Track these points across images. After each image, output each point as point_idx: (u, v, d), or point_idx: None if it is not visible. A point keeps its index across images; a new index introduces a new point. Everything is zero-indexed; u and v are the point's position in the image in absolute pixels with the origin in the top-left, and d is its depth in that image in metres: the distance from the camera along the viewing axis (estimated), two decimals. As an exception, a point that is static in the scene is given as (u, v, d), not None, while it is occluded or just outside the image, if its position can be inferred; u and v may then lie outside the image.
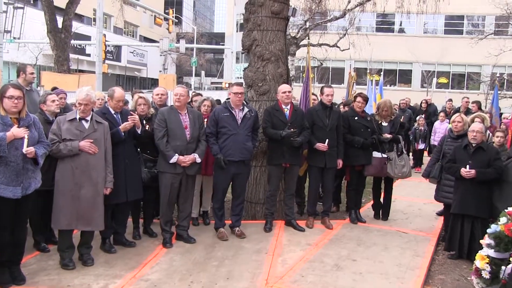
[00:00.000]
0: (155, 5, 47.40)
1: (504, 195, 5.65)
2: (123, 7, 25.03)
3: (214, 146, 6.20)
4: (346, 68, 32.77)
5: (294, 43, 18.88)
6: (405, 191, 9.75)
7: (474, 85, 35.73)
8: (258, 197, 7.24)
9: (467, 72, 38.52)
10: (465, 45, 25.97)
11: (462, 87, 38.24)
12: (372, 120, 7.40)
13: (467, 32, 37.20)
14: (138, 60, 51.12)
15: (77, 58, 36.51)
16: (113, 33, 45.87)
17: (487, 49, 23.68)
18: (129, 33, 53.20)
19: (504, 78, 30.15)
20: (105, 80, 23.70)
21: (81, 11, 31.74)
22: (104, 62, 24.49)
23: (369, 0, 19.92)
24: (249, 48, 7.33)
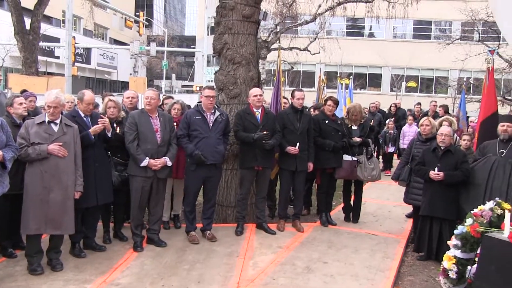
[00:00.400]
0: (125, 7, 46.92)
1: (471, 197, 5.79)
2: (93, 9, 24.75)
3: (188, 145, 6.16)
4: (316, 72, 33.01)
5: (265, 46, 18.96)
6: (375, 193, 9.89)
7: (442, 89, 36.52)
8: (229, 200, 7.23)
9: (435, 76, 39.31)
10: (433, 49, 26.53)
11: (430, 91, 39.00)
12: (342, 124, 7.47)
13: (435, 37, 38.01)
14: (108, 62, 50.53)
15: (46, 60, 35.85)
16: (82, 35, 45.24)
17: (454, 54, 24.22)
18: (99, 35, 52.55)
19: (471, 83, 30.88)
20: (74, 82, 23.35)
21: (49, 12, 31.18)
22: (74, 65, 24.12)
23: (340, 5, 20.17)
24: (220, 51, 7.33)
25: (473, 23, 24.04)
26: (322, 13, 20.39)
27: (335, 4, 19.96)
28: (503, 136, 5.97)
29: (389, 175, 10.08)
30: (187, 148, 6.16)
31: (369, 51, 36.12)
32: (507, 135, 5.96)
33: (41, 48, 28.95)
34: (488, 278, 3.83)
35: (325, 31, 24.86)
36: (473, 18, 23.20)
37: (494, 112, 7.26)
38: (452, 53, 24.32)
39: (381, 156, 13.31)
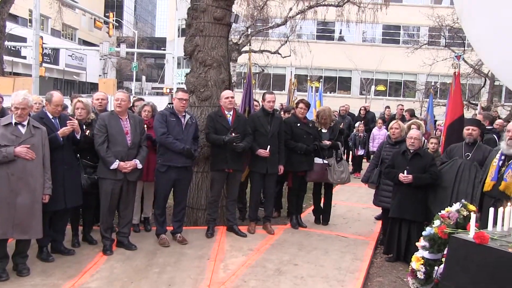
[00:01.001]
0: (95, 8, 46.26)
1: (438, 199, 5.92)
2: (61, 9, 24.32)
3: (176, 141, 6.09)
4: (287, 75, 33.23)
5: (236, 49, 18.98)
6: (345, 196, 9.99)
7: (410, 93, 37.15)
8: (200, 203, 7.20)
9: (403, 80, 39.99)
10: (402, 54, 26.97)
11: (399, 94, 39.65)
12: (314, 126, 7.52)
13: (403, 41, 38.66)
14: (77, 63, 49.65)
15: (12, 60, 35.00)
16: (50, 35, 44.33)
17: (421, 59, 24.69)
18: (68, 36, 51.61)
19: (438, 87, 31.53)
20: (42, 83, 22.89)
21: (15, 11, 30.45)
22: (41, 65, 23.64)
23: (310, 8, 20.32)
24: (191, 53, 7.30)
25: (440, 29, 24.55)
26: (293, 17, 20.53)
27: (305, 8, 20.12)
28: (468, 139, 6.13)
29: (359, 178, 10.20)
30: (176, 145, 6.08)
31: (339, 55, 36.50)
32: (472, 138, 6.12)
33: (7, 47, 28.26)
34: (454, 277, 3.91)
35: (295, 34, 25.02)
36: (440, 24, 23.71)
37: (460, 115, 7.45)
38: (419, 57, 24.78)
39: (350, 159, 13.45)
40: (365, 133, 13.13)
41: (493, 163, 5.32)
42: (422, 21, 27.67)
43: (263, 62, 24.37)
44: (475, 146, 6.11)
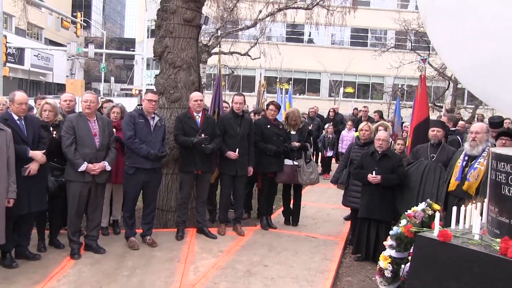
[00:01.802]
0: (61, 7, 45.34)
1: (405, 199, 6.05)
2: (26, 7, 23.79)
3: (141, 145, 6.05)
4: (256, 77, 33.31)
5: (205, 50, 18.90)
6: (314, 197, 10.07)
7: (377, 95, 37.74)
8: (170, 205, 7.17)
9: (371, 83, 40.60)
10: (369, 57, 27.33)
11: (367, 96, 40.25)
12: (284, 128, 7.58)
13: (371, 44, 39.27)
14: (43, 64, 48.55)
15: (-26, 60, 34.06)
16: (15, 34, 43.20)
17: (388, 62, 25.09)
18: (33, 35, 50.45)
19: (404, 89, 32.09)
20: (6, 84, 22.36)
21: (-23, 9, 29.67)
22: (5, 65, 23.08)
23: (280, 11, 20.43)
24: (161, 55, 7.26)
25: (406, 33, 25.02)
26: (263, 19, 20.60)
27: (275, 10, 20.21)
28: (433, 140, 6.29)
29: (328, 179, 10.29)
30: (141, 149, 6.04)
31: (308, 57, 36.80)
32: (437, 140, 6.28)
33: (-31, 47, 27.47)
34: (420, 275, 4.01)
35: (265, 36, 25.11)
36: (406, 28, 24.16)
37: (426, 117, 7.61)
38: (387, 60, 25.19)
39: (320, 160, 13.57)
40: (334, 135, 13.27)
41: (457, 164, 5.48)
42: (389, 25, 28.19)
43: (233, 64, 24.38)
44: (440, 147, 6.26)
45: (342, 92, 36.49)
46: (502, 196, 3.62)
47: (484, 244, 3.65)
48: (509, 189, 3.53)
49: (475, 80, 4.48)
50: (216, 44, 19.85)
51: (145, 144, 6.08)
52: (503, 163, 3.61)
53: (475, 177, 5.20)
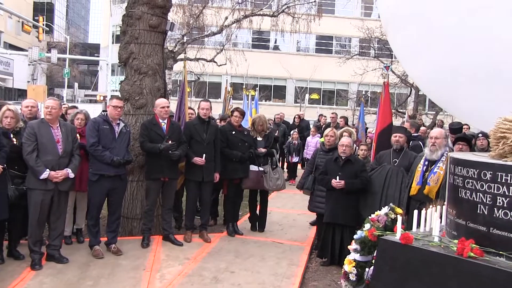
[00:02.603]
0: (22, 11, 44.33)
1: (369, 204, 6.17)
2: (-16, 11, 23.19)
3: (104, 152, 5.97)
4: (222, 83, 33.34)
5: (171, 57, 18.79)
6: (280, 203, 10.14)
7: (342, 101, 38.27)
8: (135, 212, 7.10)
9: (336, 89, 41.14)
10: (334, 64, 27.70)
11: (332, 103, 40.74)
12: (249, 134, 7.62)
13: (336, 52, 39.80)
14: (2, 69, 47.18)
15: None
16: (-29, 38, 42.07)
17: (353, 69, 25.51)
18: (-8, 39, 49.20)
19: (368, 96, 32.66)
20: (-37, 90, 21.66)
21: None
22: (-38, 70, 22.44)
23: (246, 18, 20.53)
24: (126, 61, 7.21)
25: (370, 40, 25.51)
26: (229, 25, 20.64)
27: (241, 17, 20.30)
28: (395, 146, 6.44)
29: (294, 185, 10.39)
30: (104, 156, 5.96)
31: (274, 64, 37.07)
32: (399, 145, 6.43)
33: None
34: (383, 277, 4.09)
35: (231, 43, 25.17)
36: (369, 36, 24.64)
37: (390, 123, 7.78)
38: (351, 67, 25.60)
39: (285, 166, 13.67)
40: (300, 141, 13.38)
41: (418, 169, 5.62)
42: (353, 32, 28.64)
43: (199, 70, 24.32)
44: (402, 153, 6.41)
45: (307, 98, 36.86)
46: (459, 199, 3.74)
47: (443, 246, 3.77)
48: (466, 192, 3.65)
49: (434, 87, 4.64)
50: (182, 50, 19.77)
51: (109, 151, 6.02)
52: (460, 167, 3.73)
53: (435, 181, 5.35)
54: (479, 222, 3.56)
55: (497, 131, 3.60)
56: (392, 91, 25.71)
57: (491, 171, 3.47)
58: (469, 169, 3.64)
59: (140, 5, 7.12)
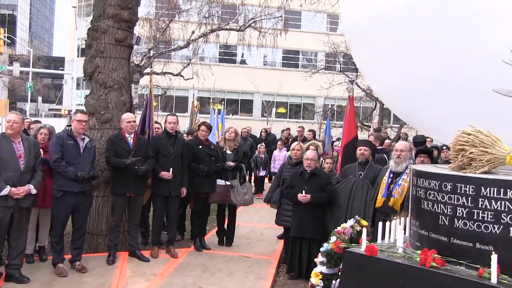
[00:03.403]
0: (-17, 23, 43.30)
1: (335, 217, 6.23)
2: None
3: (68, 168, 5.84)
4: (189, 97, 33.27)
5: (137, 71, 18.70)
6: (248, 217, 10.13)
7: (309, 115, 38.65)
8: (101, 228, 6.98)
9: (303, 103, 41.54)
10: (301, 78, 28.03)
11: (298, 117, 41.08)
12: (216, 149, 7.62)
13: (302, 66, 40.24)
14: (-39, 82, 46.11)
15: None
16: None
17: (319, 83, 25.87)
18: (-50, 52, 47.81)
19: (334, 110, 33.13)
20: None
21: None
22: None
23: (212, 32, 20.63)
24: (92, 74, 7.15)
25: (335, 55, 25.94)
26: (196, 39, 20.70)
27: (208, 31, 20.39)
28: (361, 159, 6.53)
29: (261, 198, 10.40)
30: (68, 172, 5.83)
31: (241, 78, 37.25)
32: (364, 158, 6.53)
33: None
34: (349, 290, 4.14)
35: (198, 57, 25.20)
36: (335, 50, 25.07)
37: (355, 136, 7.91)
38: (317, 81, 25.95)
39: (253, 180, 13.68)
40: (267, 155, 13.43)
41: (383, 181, 5.73)
42: (319, 47, 29.08)
43: (166, 84, 24.24)
44: (367, 166, 6.51)
45: (274, 112, 37.09)
46: (421, 210, 3.83)
47: (407, 257, 3.84)
48: (428, 203, 3.75)
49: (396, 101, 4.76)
50: (149, 64, 19.68)
51: (74, 166, 5.90)
52: (422, 179, 3.83)
53: (400, 193, 5.46)
54: (440, 233, 3.65)
55: (456, 144, 3.72)
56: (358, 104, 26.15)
57: (451, 182, 3.58)
58: (431, 181, 3.74)
59: (106, 18, 7.08)
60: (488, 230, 3.38)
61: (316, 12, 15.71)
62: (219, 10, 21.53)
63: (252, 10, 21.40)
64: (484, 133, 3.62)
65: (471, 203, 3.46)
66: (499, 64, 3.85)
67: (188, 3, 21.49)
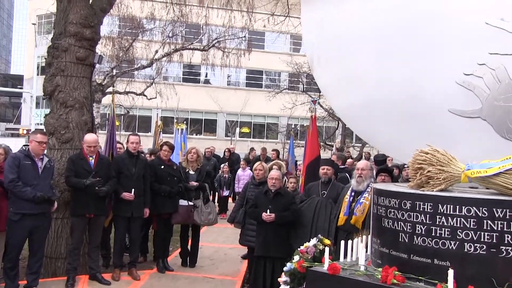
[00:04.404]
0: None
1: (299, 236, 6.24)
2: None
3: (25, 188, 5.67)
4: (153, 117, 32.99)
5: (100, 90, 18.45)
6: (212, 237, 10.05)
7: (272, 134, 38.85)
8: (60, 251, 6.80)
9: (266, 123, 41.75)
10: (264, 97, 28.26)
11: (262, 136, 41.24)
12: (178, 169, 7.58)
13: (265, 86, 40.55)
14: None
15: None
16: None
17: (282, 102, 26.14)
18: None
19: (297, 129, 33.44)
20: None
21: None
22: None
23: (176, 51, 20.63)
24: (52, 93, 7.03)
25: (298, 75, 26.30)
26: (159, 59, 20.64)
27: (171, 51, 20.37)
28: (323, 178, 6.61)
29: (225, 218, 10.35)
30: (26, 192, 5.66)
31: (205, 97, 37.21)
32: (327, 177, 6.61)
33: None
34: (313, 309, 4.15)
35: (162, 76, 25.11)
36: (298, 71, 25.42)
37: (317, 156, 8.01)
38: (281, 101, 26.21)
39: (216, 200, 13.63)
40: (230, 174, 13.42)
41: (345, 199, 5.81)
42: (282, 67, 29.45)
43: (129, 104, 24.02)
44: (330, 185, 6.59)
45: (238, 132, 37.15)
46: (382, 228, 3.90)
47: (369, 274, 3.89)
48: (388, 221, 3.82)
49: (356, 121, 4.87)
50: (111, 83, 19.48)
51: (32, 187, 5.73)
52: (383, 198, 3.91)
53: (361, 211, 5.54)
54: (401, 250, 3.72)
55: (414, 163, 3.82)
56: (320, 124, 26.51)
57: (410, 200, 3.66)
58: (391, 199, 3.82)
59: (67, 36, 7.01)
60: (445, 246, 3.47)
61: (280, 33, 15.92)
62: (183, 29, 21.56)
63: (216, 30, 21.55)
64: (440, 152, 3.73)
65: (429, 220, 3.55)
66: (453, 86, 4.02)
67: (152, 22, 21.46)
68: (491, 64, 3.93)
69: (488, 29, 3.96)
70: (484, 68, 3.96)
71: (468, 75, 4.02)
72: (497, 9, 3.95)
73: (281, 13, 15.21)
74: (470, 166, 3.62)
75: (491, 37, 3.94)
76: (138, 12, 20.51)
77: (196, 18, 20.84)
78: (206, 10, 20.41)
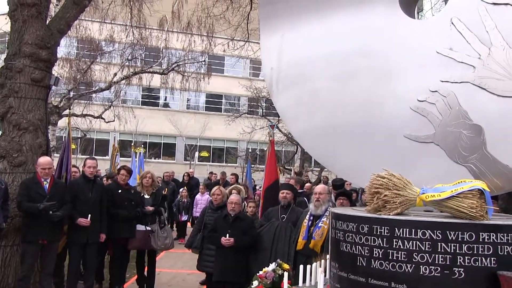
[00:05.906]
0: None
1: (259, 260, 6.22)
2: None
3: None
4: (110, 140, 32.46)
5: (56, 112, 18.01)
6: (169, 263, 9.89)
7: (232, 158, 38.81)
8: (7, 281, 6.47)
9: (226, 147, 41.70)
10: (224, 122, 28.28)
11: (222, 160, 41.11)
12: (136, 193, 7.46)
13: (225, 110, 40.64)
14: None
15: None
16: None
17: (241, 127, 26.23)
18: None
19: (257, 153, 33.54)
20: None
21: None
22: None
23: (135, 75, 20.46)
24: (4, 115, 6.82)
25: (258, 100, 26.51)
26: (118, 82, 20.41)
27: (130, 74, 20.19)
28: (283, 202, 6.64)
29: (183, 243, 10.21)
30: None
31: (164, 121, 36.92)
32: (287, 201, 6.64)
33: None
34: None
35: (120, 99, 24.82)
36: (257, 95, 25.63)
37: (276, 180, 8.04)
38: (240, 125, 26.29)
39: (175, 225, 13.44)
40: (189, 199, 13.30)
41: (304, 223, 5.84)
42: (242, 91, 29.62)
43: (86, 127, 23.56)
44: (290, 209, 6.62)
45: (197, 156, 36.94)
46: (341, 252, 3.92)
47: (328, 299, 3.89)
48: (347, 245, 3.84)
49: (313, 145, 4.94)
50: (68, 105, 19.07)
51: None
52: (341, 222, 3.94)
53: (320, 235, 5.57)
54: (359, 274, 3.74)
55: (371, 187, 3.88)
56: (279, 148, 26.70)
57: (368, 224, 3.70)
58: (349, 223, 3.85)
59: (22, 57, 6.85)
60: (402, 270, 3.51)
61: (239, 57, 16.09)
62: (142, 53, 21.44)
63: (176, 54, 21.56)
64: (396, 177, 3.81)
65: (386, 244, 3.59)
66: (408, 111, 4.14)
67: (111, 45, 21.26)
68: (443, 91, 4.09)
69: (439, 58, 4.12)
70: (437, 95, 4.11)
71: (422, 101, 4.16)
72: (447, 39, 4.13)
73: (241, 38, 15.39)
74: (424, 190, 3.70)
75: (442, 65, 4.11)
76: (97, 34, 20.26)
77: (156, 41, 20.82)
78: (166, 34, 20.42)
